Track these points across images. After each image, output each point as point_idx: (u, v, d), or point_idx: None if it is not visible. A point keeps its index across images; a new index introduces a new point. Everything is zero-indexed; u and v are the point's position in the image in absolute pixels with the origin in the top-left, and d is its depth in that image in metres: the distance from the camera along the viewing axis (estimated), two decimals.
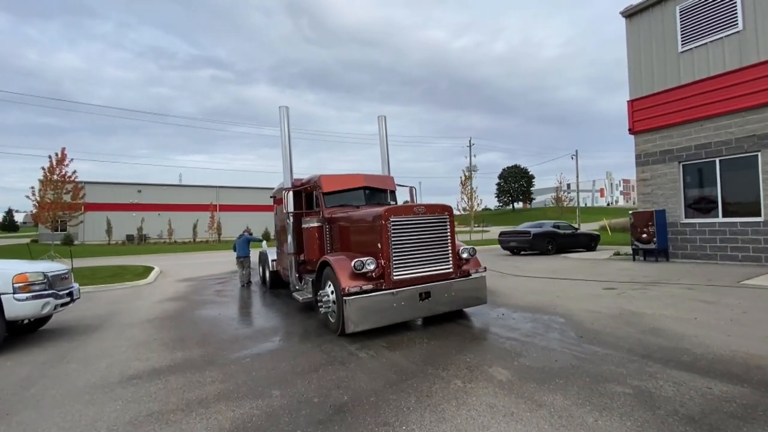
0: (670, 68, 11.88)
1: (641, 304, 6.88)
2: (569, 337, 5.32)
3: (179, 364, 4.99)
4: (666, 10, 11.94)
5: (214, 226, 43.30)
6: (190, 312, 8.28)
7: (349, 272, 5.75)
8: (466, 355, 4.80)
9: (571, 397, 3.55)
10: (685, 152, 11.66)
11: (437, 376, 4.19)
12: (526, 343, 5.15)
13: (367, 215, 6.40)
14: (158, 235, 44.97)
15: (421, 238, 6.09)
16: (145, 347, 5.80)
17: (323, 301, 6.18)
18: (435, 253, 6.18)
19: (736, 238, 10.63)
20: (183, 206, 47.59)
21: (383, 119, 9.81)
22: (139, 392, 4.12)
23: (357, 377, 4.25)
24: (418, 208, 6.22)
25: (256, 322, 7.39)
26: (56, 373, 4.85)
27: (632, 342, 4.97)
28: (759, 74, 10.07)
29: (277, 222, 10.48)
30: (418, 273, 6.00)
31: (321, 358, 4.92)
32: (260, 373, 4.53)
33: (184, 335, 6.39)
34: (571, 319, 6.19)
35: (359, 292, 5.64)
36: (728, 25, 10.73)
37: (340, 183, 7.98)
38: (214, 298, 9.99)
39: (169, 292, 11.08)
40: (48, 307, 6.14)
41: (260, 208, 52.75)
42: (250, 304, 9.05)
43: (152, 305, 9.21)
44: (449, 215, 6.43)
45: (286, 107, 8.34)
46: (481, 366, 4.41)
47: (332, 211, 7.49)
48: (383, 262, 5.78)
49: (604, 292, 8.16)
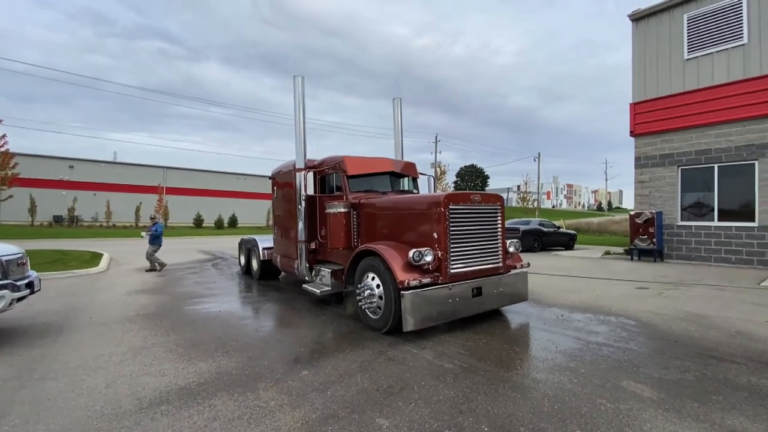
0: (674, 74, 12.17)
1: (695, 306, 6.64)
2: (662, 342, 4.81)
3: (212, 379, 3.76)
4: (674, 18, 12.21)
5: (161, 210, 39.32)
6: (180, 308, 6.81)
7: (404, 264, 5.03)
8: (579, 365, 4.08)
9: (758, 419, 2.96)
10: (685, 157, 12.04)
11: (574, 393, 3.42)
12: (624, 350, 4.55)
13: (420, 201, 5.68)
14: (93, 218, 39.90)
15: (475, 228, 5.51)
16: (147, 355, 4.43)
17: (364, 295, 5.27)
18: (487, 245, 5.66)
19: (731, 242, 11.14)
20: (124, 186, 42.61)
21: (399, 101, 9.25)
22: (181, 426, 2.91)
23: (476, 399, 3.36)
24: (475, 196, 5.58)
25: (272, 320, 6.17)
26: (33, 396, 3.42)
27: (735, 347, 4.57)
28: (760, 87, 10.53)
29: (277, 206, 9.15)
30: (471, 267, 5.42)
31: (398, 370, 3.95)
32: (336, 391, 3.48)
33: (193, 339, 5.05)
34: (641, 321, 5.74)
35: (419, 286, 4.89)
36: (734, 37, 11.13)
37: (366, 166, 7.14)
38: (200, 290, 8.47)
39: (136, 283, 9.31)
40: (2, 303, 4.53)
41: (216, 193, 49.10)
42: (250, 298, 7.71)
43: (122, 299, 7.55)
44: (501, 206, 5.84)
45: (301, 77, 7.46)
46: (609, 380, 3.71)
47: (358, 197, 6.54)
48: (440, 253, 5.09)
49: (639, 291, 7.93)
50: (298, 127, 7.41)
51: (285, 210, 8.57)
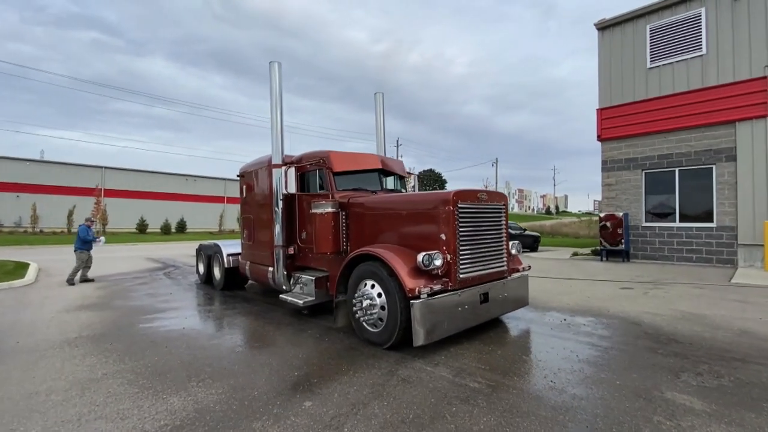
0: (638, 82, 12.71)
1: (686, 305, 6.66)
2: (677, 345, 4.63)
3: (191, 420, 2.97)
4: (637, 28, 12.77)
5: (99, 214, 35.64)
6: (133, 326, 5.76)
7: (410, 269, 4.48)
8: (611, 375, 3.73)
9: None
10: (649, 161, 12.58)
11: (623, 410, 3.03)
12: (645, 355, 4.30)
13: (424, 199, 5.15)
14: (16, 223, 35.30)
15: (482, 229, 5.08)
16: (99, 391, 3.51)
17: (363, 306, 4.67)
18: (493, 247, 5.26)
19: (692, 242, 11.73)
20: (54, 188, 38.15)
21: (381, 96, 8.86)
22: None
23: (522, 427, 2.86)
24: (481, 194, 5.16)
25: (249, 337, 5.32)
26: None
27: (748, 347, 4.50)
28: (718, 95, 11.21)
29: (247, 207, 8.24)
30: (479, 271, 4.99)
31: (418, 394, 3.37)
32: (355, 427, 2.84)
33: (156, 365, 4.14)
34: (644, 323, 5.59)
35: (430, 294, 4.36)
36: (693, 48, 11.80)
37: (354, 162, 6.51)
38: (155, 303, 7.34)
39: (74, 297, 7.95)
40: None
41: (162, 195, 45.57)
42: (216, 312, 6.74)
43: (57, 317, 6.32)
44: (505, 204, 5.51)
45: (278, 63, 6.80)
46: (650, 391, 3.39)
47: (346, 195, 5.93)
48: (449, 257, 4.59)
49: (625, 292, 7.93)
50: (275, 118, 6.69)
51: (257, 211, 7.70)
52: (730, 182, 11.21)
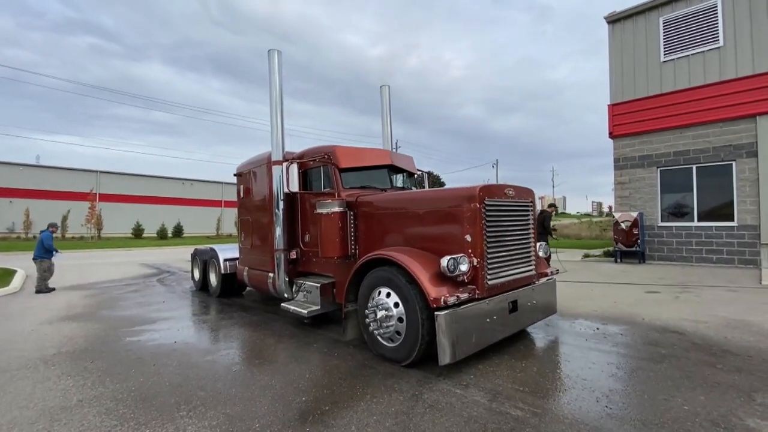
0: (651, 76, 12.23)
1: (725, 310, 6.11)
2: (734, 357, 4.09)
3: None
4: (650, 20, 12.30)
5: (94, 219, 34.96)
6: (119, 340, 5.19)
7: (432, 275, 3.93)
8: (674, 398, 3.18)
9: None
10: (664, 158, 12.07)
11: None
12: (704, 373, 3.75)
13: (445, 196, 4.54)
14: (9, 228, 34.57)
15: (510, 229, 4.52)
16: (72, 422, 2.96)
17: (377, 317, 4.12)
18: (521, 249, 4.71)
19: (712, 242, 11.21)
20: (48, 193, 37.43)
21: (387, 89, 8.37)
22: None
23: None
24: (509, 189, 4.61)
25: (248, 353, 4.75)
26: None
27: None
28: (737, 89, 10.74)
29: (245, 208, 7.69)
30: (507, 276, 4.43)
31: (453, 426, 2.82)
32: None
33: (140, 388, 3.57)
34: (687, 331, 5.04)
35: (457, 304, 3.82)
36: (710, 40, 11.33)
37: (361, 158, 5.97)
38: (146, 313, 6.77)
39: (60, 307, 7.37)
40: None
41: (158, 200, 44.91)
42: (211, 323, 6.16)
43: (38, 330, 5.75)
44: (532, 201, 4.98)
45: (278, 51, 6.27)
46: (728, 418, 2.85)
47: (354, 194, 5.40)
48: (476, 261, 4.02)
49: (653, 296, 7.38)
50: (275, 111, 6.19)
51: (256, 213, 7.16)
52: (752, 179, 10.71)
